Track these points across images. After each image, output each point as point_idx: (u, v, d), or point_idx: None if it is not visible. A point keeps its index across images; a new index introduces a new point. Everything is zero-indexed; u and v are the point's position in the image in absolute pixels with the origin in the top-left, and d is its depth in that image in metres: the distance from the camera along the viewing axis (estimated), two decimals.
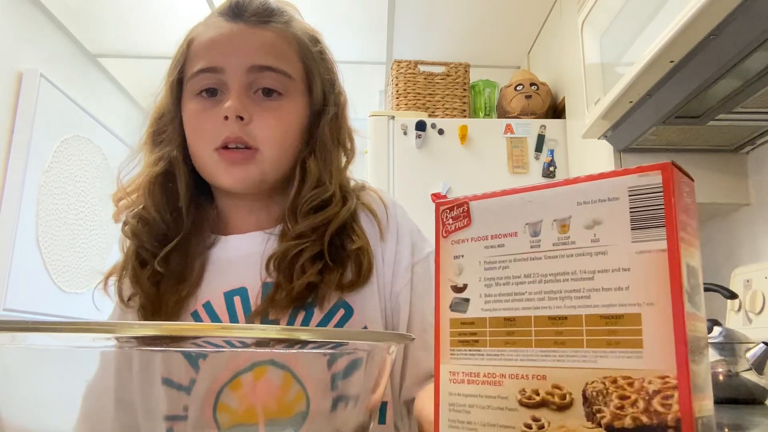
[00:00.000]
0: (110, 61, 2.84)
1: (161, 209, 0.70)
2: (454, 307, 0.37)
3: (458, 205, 0.38)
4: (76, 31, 2.60)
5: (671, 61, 1.13)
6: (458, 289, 0.37)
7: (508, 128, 2.02)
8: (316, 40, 0.78)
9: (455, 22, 2.42)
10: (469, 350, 0.36)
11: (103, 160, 2.87)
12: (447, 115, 2.12)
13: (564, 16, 2.06)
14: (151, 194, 0.70)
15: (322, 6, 2.33)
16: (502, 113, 2.13)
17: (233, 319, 0.66)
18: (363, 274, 0.70)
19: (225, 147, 0.67)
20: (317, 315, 0.67)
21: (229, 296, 0.68)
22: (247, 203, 0.74)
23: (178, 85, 0.72)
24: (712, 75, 1.11)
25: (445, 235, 0.38)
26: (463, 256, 0.37)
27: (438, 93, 2.14)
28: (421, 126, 1.99)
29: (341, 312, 0.68)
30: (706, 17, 0.99)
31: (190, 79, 0.70)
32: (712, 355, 1.13)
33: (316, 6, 2.33)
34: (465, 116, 2.12)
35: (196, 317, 0.67)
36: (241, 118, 0.67)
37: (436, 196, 1.96)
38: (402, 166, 1.98)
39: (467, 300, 0.37)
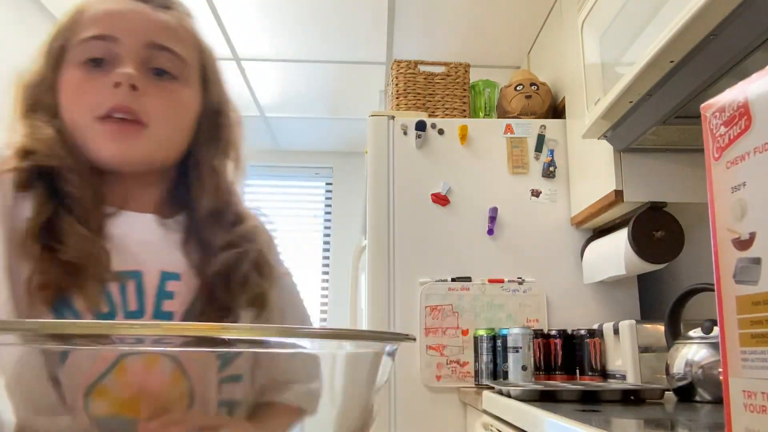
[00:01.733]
0: None
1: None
2: (739, 275, 0.22)
3: (731, 102, 0.24)
4: None
5: (671, 61, 1.13)
6: (743, 244, 0.22)
7: (508, 128, 2.02)
8: (212, 51, 0.76)
9: (455, 22, 2.42)
10: None
11: None
12: (447, 115, 2.11)
13: (564, 16, 2.06)
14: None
15: (322, 6, 2.33)
16: (502, 113, 2.13)
17: (124, 301, 0.61)
18: (265, 301, 0.69)
19: (108, 116, 0.61)
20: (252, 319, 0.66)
21: (122, 276, 0.62)
22: (135, 184, 0.68)
23: (58, 53, 0.65)
24: (712, 75, 1.11)
25: (717, 155, 0.24)
26: (744, 184, 0.23)
27: (438, 93, 2.14)
28: (421, 126, 1.99)
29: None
30: (706, 17, 0.99)
31: (77, 45, 0.64)
32: (713, 355, 1.13)
33: (317, 6, 2.33)
34: (465, 116, 2.12)
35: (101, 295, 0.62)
36: (135, 88, 0.62)
37: (436, 196, 1.96)
38: (402, 166, 1.98)
39: (758, 261, 0.21)
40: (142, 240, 0.65)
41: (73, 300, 0.56)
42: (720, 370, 0.99)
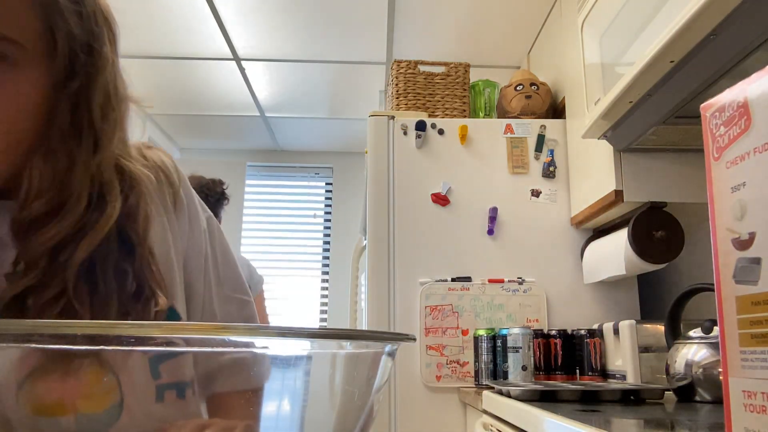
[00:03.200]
0: None
1: None
2: (740, 275, 0.23)
3: (731, 102, 0.24)
4: None
5: (671, 61, 1.13)
6: (742, 244, 0.23)
7: (508, 128, 2.02)
8: None
9: (455, 22, 2.42)
10: None
11: None
12: (447, 115, 2.11)
13: (564, 16, 2.06)
14: None
15: (322, 6, 2.33)
16: (502, 113, 2.13)
17: None
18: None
19: None
20: None
21: None
22: None
23: None
24: (712, 75, 1.11)
25: (717, 155, 0.24)
26: (744, 184, 0.23)
27: (438, 93, 2.14)
28: (421, 126, 1.99)
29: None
30: (706, 17, 0.99)
31: None
32: (713, 355, 1.13)
33: (316, 6, 2.33)
34: (465, 116, 2.12)
35: None
36: None
37: (436, 196, 1.96)
38: (402, 166, 1.98)
39: (758, 260, 0.22)
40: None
41: None
42: (720, 370, 0.99)
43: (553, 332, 1.74)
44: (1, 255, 0.53)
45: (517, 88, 2.07)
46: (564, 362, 1.71)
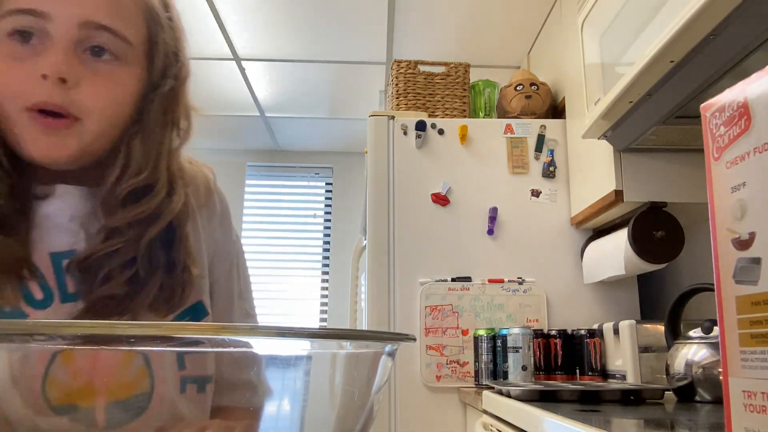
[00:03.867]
0: None
1: None
2: (740, 275, 0.22)
3: (731, 102, 0.24)
4: None
5: (671, 61, 1.13)
6: (742, 244, 0.22)
7: (508, 128, 2.02)
8: (167, 5, 0.66)
9: (455, 22, 2.42)
10: None
11: None
12: (447, 115, 2.11)
13: (564, 16, 2.06)
14: None
15: (322, 6, 2.33)
16: (502, 113, 2.13)
17: (61, 284, 0.58)
18: (178, 299, 0.62)
19: (36, 109, 0.56)
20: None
21: (56, 259, 0.59)
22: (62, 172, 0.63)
23: None
24: (712, 75, 1.11)
25: (717, 155, 0.24)
26: (744, 184, 0.23)
27: (438, 93, 2.14)
28: (421, 126, 1.99)
29: None
30: (706, 17, 0.99)
31: (4, 16, 0.56)
32: (713, 355, 1.13)
33: (316, 6, 2.33)
34: (465, 116, 2.12)
35: (22, 284, 0.57)
36: (64, 81, 0.55)
37: (436, 196, 1.96)
38: (402, 166, 1.98)
39: (758, 261, 0.22)
40: (78, 217, 0.61)
41: None
42: (720, 370, 0.99)
43: (553, 332, 1.74)
44: (78, 228, 0.60)
45: (517, 88, 2.07)
46: (564, 362, 1.71)
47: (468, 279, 1.89)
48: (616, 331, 1.62)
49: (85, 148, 0.59)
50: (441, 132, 2.00)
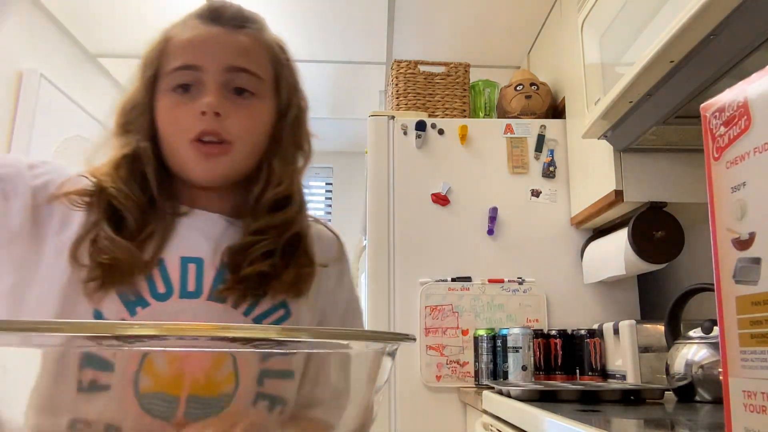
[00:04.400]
0: (110, 61, 2.84)
1: (130, 185, 0.72)
2: (740, 275, 0.22)
3: (731, 102, 0.24)
4: (76, 31, 2.59)
5: (671, 61, 1.13)
6: (742, 244, 0.22)
7: (508, 128, 2.02)
8: (283, 48, 0.82)
9: (455, 22, 2.42)
10: None
11: None
12: (447, 115, 2.11)
13: (564, 16, 2.06)
14: (118, 170, 0.72)
15: (322, 6, 2.33)
16: (502, 113, 2.13)
17: (183, 283, 0.69)
18: (305, 286, 0.74)
19: (200, 140, 0.71)
20: (260, 308, 0.71)
21: (184, 261, 0.71)
22: (208, 193, 0.77)
23: (152, 80, 0.75)
24: (712, 75, 1.11)
25: (717, 155, 0.24)
26: (744, 184, 0.22)
27: (438, 93, 2.14)
28: (421, 126, 1.99)
29: (281, 312, 0.73)
30: (706, 17, 0.99)
31: (168, 74, 0.73)
32: (713, 355, 1.13)
33: (316, 6, 2.33)
34: (465, 116, 2.12)
35: (150, 279, 0.68)
36: (218, 114, 0.71)
37: (436, 196, 1.96)
38: (402, 166, 1.98)
39: (758, 261, 0.21)
40: (209, 234, 0.74)
41: (114, 290, 0.66)
42: (720, 370, 0.99)
43: (553, 332, 1.74)
44: (206, 242, 0.73)
45: (517, 88, 2.07)
46: (564, 362, 1.71)
47: (468, 279, 1.89)
48: (616, 331, 1.62)
49: (234, 168, 0.73)
50: (441, 132, 2.00)
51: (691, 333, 1.20)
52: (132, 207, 0.70)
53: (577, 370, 1.71)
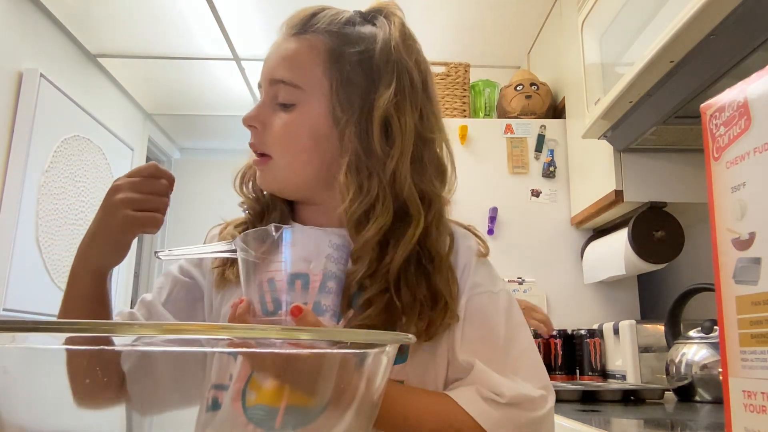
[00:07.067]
0: (110, 61, 2.84)
1: (259, 198, 0.80)
2: (740, 275, 0.22)
3: (731, 102, 0.24)
4: (76, 31, 2.59)
5: (671, 61, 1.13)
6: (742, 244, 0.22)
7: (508, 128, 2.02)
8: (355, 41, 0.72)
9: (455, 22, 2.42)
10: None
11: (103, 160, 2.87)
12: (447, 115, 2.11)
13: (564, 16, 2.06)
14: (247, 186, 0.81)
15: None
16: (502, 113, 2.13)
17: (288, 300, 0.69)
18: (433, 331, 0.66)
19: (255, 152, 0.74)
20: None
21: (292, 278, 0.69)
22: (306, 205, 0.78)
23: None
24: (712, 75, 1.11)
25: (717, 155, 0.24)
26: (744, 184, 0.22)
27: (438, 93, 2.14)
28: None
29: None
30: (706, 17, 0.99)
31: None
32: (713, 355, 1.13)
33: None
34: (465, 116, 2.12)
35: (260, 290, 0.67)
36: (253, 127, 0.73)
37: None
38: None
39: (758, 261, 0.21)
40: (309, 248, 0.69)
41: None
42: (720, 370, 0.99)
43: (553, 332, 1.74)
44: (308, 256, 0.69)
45: (517, 88, 2.07)
46: (564, 362, 1.71)
47: None
48: (616, 331, 1.62)
49: (278, 179, 0.74)
50: None
51: (691, 333, 1.20)
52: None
53: (577, 370, 1.71)
